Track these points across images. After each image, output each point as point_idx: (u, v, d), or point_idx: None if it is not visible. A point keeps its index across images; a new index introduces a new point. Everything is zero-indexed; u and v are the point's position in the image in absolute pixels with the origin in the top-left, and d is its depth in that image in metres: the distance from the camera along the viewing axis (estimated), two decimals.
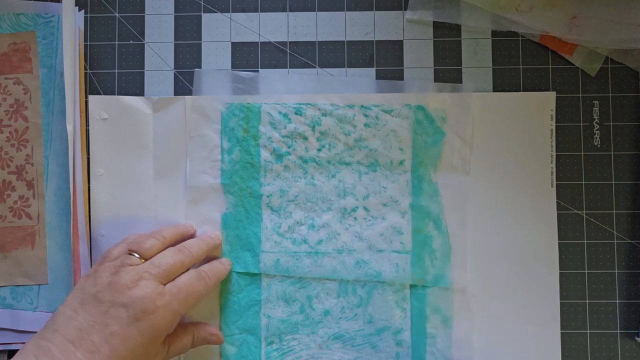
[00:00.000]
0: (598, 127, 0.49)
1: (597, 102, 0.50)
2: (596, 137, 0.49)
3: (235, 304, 0.48)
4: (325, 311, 0.48)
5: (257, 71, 0.50)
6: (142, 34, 0.51)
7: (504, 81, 0.50)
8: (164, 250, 0.44)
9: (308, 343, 0.48)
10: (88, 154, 0.49)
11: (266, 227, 0.48)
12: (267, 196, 0.48)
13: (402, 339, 0.48)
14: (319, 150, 0.49)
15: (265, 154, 0.48)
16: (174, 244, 0.45)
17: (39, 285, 0.49)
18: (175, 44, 0.50)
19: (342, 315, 0.48)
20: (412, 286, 0.48)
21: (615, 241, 0.49)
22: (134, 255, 0.42)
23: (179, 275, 0.43)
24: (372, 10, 0.50)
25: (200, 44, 0.50)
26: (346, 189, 0.48)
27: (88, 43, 0.50)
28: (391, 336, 0.48)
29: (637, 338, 0.48)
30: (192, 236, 0.48)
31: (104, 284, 0.41)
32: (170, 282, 0.42)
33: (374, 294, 0.48)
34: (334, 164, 0.48)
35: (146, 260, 0.43)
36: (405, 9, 0.50)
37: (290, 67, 0.50)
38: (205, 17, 0.50)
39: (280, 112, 0.49)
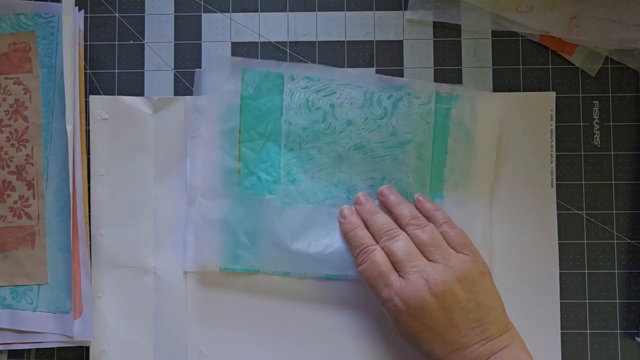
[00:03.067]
0: (598, 127, 0.50)
1: (597, 102, 0.50)
2: (596, 137, 0.49)
3: (255, 109, 0.47)
4: (348, 121, 0.48)
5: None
6: (142, 34, 0.51)
7: (504, 81, 0.50)
8: None
9: (328, 152, 0.48)
10: (88, 154, 0.49)
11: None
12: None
13: (423, 153, 0.48)
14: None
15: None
16: None
17: (39, 285, 0.49)
18: (175, 44, 0.50)
19: (364, 126, 0.48)
20: (437, 100, 0.48)
21: (615, 241, 0.49)
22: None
23: None
24: (372, 10, 0.50)
25: (200, 44, 0.50)
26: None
27: (88, 43, 0.50)
28: (413, 149, 0.48)
29: (637, 338, 0.48)
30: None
31: None
32: None
33: (400, 105, 0.48)
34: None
35: None
36: (405, 9, 0.50)
37: None
38: (205, 17, 0.50)
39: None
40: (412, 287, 0.41)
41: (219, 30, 0.50)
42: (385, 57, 0.50)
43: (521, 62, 0.50)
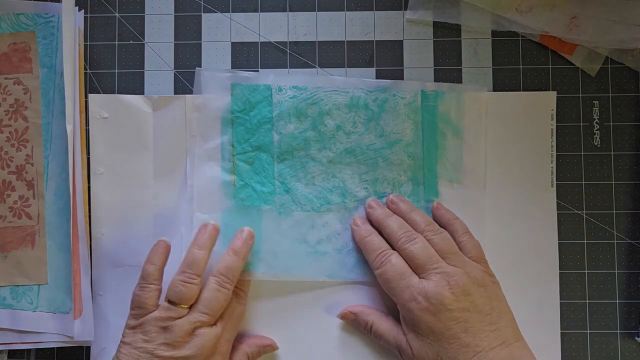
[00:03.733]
0: (598, 127, 0.50)
1: (597, 102, 0.50)
2: (596, 137, 0.49)
3: (246, 122, 0.48)
4: (337, 126, 0.48)
5: (258, 71, 0.50)
6: (142, 34, 0.51)
7: (504, 81, 0.50)
8: (204, 285, 0.44)
9: (320, 158, 0.48)
10: (88, 154, 0.49)
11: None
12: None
13: (413, 151, 0.48)
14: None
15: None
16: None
17: (39, 285, 0.49)
18: (175, 44, 0.50)
19: (353, 130, 0.48)
20: (422, 98, 0.48)
21: (615, 241, 0.49)
22: (178, 306, 0.42)
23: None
24: (372, 10, 0.50)
25: (200, 44, 0.50)
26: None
27: (88, 43, 0.50)
28: (402, 149, 0.48)
29: (637, 338, 0.48)
30: (215, 237, 0.46)
31: (159, 341, 0.41)
32: (222, 319, 0.44)
33: (386, 107, 0.48)
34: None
35: (190, 306, 0.43)
36: (405, 9, 0.50)
37: (290, 67, 0.50)
38: (205, 17, 0.50)
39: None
40: (435, 286, 0.42)
41: (219, 30, 0.50)
42: (385, 57, 0.50)
43: (521, 62, 0.50)
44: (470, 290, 0.42)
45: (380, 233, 0.46)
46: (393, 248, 0.45)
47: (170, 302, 0.43)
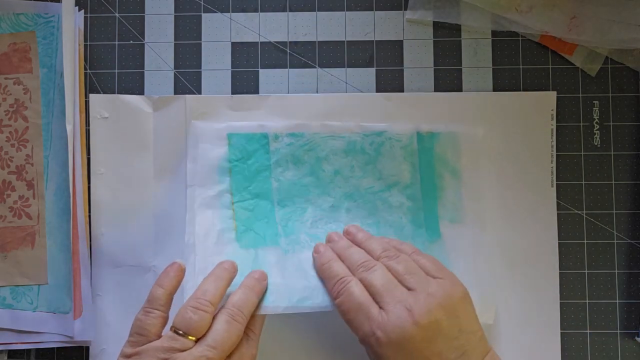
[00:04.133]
0: (598, 127, 0.50)
1: (597, 102, 0.50)
2: (596, 137, 0.49)
3: (244, 170, 0.48)
4: (335, 171, 0.48)
5: (257, 71, 0.50)
6: (142, 34, 0.51)
7: (504, 81, 0.50)
8: (213, 319, 0.40)
9: (321, 204, 0.48)
10: (88, 154, 0.49)
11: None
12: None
13: (412, 194, 0.48)
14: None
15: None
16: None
17: (39, 285, 0.49)
18: (175, 44, 0.50)
19: (351, 175, 0.48)
20: (418, 140, 0.48)
21: (615, 241, 0.49)
22: (184, 337, 0.38)
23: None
24: (372, 10, 0.50)
25: (200, 44, 0.50)
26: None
27: (88, 43, 0.50)
28: (401, 191, 0.48)
29: (637, 338, 0.48)
30: (233, 274, 0.43)
31: None
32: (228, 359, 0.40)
33: (382, 150, 0.48)
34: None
35: (197, 338, 0.39)
36: (405, 9, 0.50)
37: (290, 68, 0.50)
38: (205, 17, 0.50)
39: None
40: (395, 319, 0.38)
41: (219, 30, 0.50)
42: (385, 57, 0.50)
43: (521, 62, 0.50)
44: (436, 314, 0.38)
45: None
46: None
47: (176, 331, 0.38)
